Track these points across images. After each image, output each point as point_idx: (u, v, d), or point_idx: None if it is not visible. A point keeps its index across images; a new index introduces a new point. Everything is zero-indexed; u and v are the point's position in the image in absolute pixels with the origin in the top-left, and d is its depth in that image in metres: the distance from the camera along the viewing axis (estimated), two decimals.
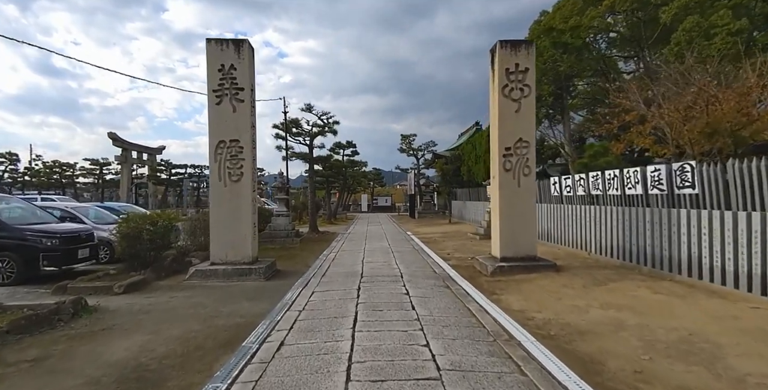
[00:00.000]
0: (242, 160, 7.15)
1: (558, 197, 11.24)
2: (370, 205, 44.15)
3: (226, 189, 7.13)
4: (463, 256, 9.40)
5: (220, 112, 7.13)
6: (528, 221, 7.29)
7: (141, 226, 7.11)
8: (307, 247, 11.90)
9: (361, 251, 10.40)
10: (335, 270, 7.75)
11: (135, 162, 37.60)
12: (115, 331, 4.37)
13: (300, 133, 15.61)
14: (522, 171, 7.26)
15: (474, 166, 19.22)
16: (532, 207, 7.32)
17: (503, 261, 7.16)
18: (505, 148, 7.25)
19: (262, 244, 12.39)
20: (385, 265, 8.05)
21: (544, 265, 7.11)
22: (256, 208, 7.51)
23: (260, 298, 5.71)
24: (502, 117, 7.23)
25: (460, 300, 5.37)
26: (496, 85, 7.28)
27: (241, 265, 7.06)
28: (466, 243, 12.10)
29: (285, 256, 9.85)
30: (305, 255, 10.14)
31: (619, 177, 8.44)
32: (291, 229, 13.28)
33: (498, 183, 7.27)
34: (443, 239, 13.32)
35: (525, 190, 7.26)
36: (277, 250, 11.18)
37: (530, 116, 7.29)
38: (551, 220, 10.75)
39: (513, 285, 6.25)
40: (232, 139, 7.13)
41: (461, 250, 10.45)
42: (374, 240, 13.22)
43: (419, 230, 17.14)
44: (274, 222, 13.25)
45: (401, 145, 30.87)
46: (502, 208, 7.23)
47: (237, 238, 7.13)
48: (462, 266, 8.08)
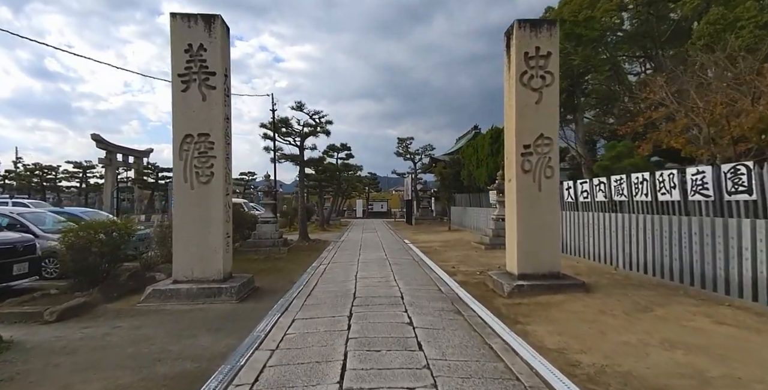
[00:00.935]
0: (213, 159, 6.01)
1: (572, 204, 10.18)
2: (366, 210, 42.97)
3: (193, 192, 5.98)
4: (470, 270, 8.28)
5: (187, 101, 6.01)
6: (551, 232, 6.19)
7: (91, 235, 5.94)
8: (295, 257, 10.73)
9: (354, 263, 9.25)
10: (324, 288, 6.59)
11: (120, 165, 36.25)
12: (11, 386, 3.19)
13: (290, 133, 14.49)
14: (543, 172, 6.18)
15: (475, 170, 18.19)
16: (555, 215, 6.23)
17: (522, 279, 6.05)
18: (524, 146, 6.17)
19: (245, 254, 11.23)
20: (381, 282, 6.91)
21: (570, 285, 6.00)
22: (230, 215, 6.37)
23: (226, 328, 4.54)
24: (521, 110, 6.16)
25: (478, 333, 4.24)
26: (513, 73, 6.22)
27: (210, 283, 5.89)
28: (470, 254, 10.98)
29: (268, 270, 8.67)
30: (292, 267, 8.97)
31: (649, 181, 7.39)
32: (278, 238, 12.10)
33: (515, 186, 6.18)
34: (445, 249, 12.20)
35: (547, 195, 6.18)
36: (260, 261, 10.00)
37: (553, 108, 6.23)
38: (567, 230, 9.67)
39: (539, 310, 5.13)
40: (200, 133, 6.00)
41: (467, 263, 9.33)
42: (369, 249, 12.07)
43: (417, 238, 16.01)
44: (260, 229, 12.07)
45: (398, 149, 29.86)
46: (520, 215, 6.13)
47: (205, 251, 5.96)
48: (471, 283, 6.96)
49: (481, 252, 11.22)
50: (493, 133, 16.12)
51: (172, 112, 6.01)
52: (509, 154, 6.46)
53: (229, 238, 6.36)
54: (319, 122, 15.14)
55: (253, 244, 11.77)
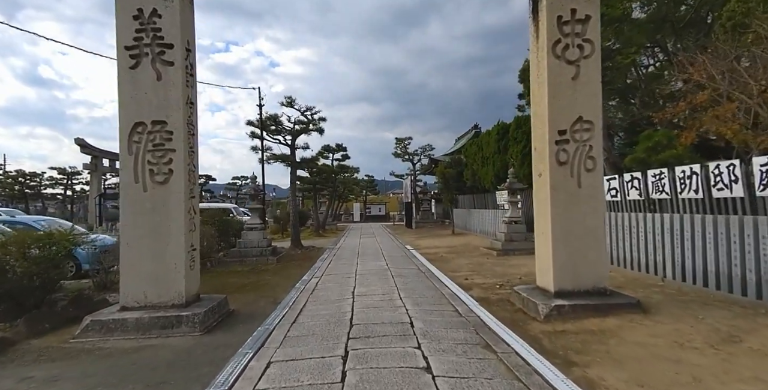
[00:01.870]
0: (171, 152, 4.79)
1: None
2: (363, 214, 41.73)
3: (147, 195, 4.75)
4: (488, 282, 7.06)
5: (138, 81, 4.79)
6: (594, 238, 4.98)
7: (13, 251, 4.68)
8: (284, 268, 9.48)
9: (351, 275, 8.01)
10: (314, 310, 5.35)
11: (107, 170, 34.87)
12: None
13: (279, 132, 13.29)
14: (583, 164, 4.99)
15: (480, 169, 17.01)
16: (599, 216, 5.02)
17: (560, 297, 4.84)
18: (558, 132, 4.98)
19: (228, 265, 9.97)
20: (385, 301, 5.67)
21: (623, 304, 4.77)
22: (195, 222, 5.13)
23: (173, 381, 3.30)
24: (554, 88, 4.98)
25: (524, 384, 3.02)
26: (543, 43, 5.04)
27: (168, 309, 4.65)
28: (482, 261, 9.76)
29: (250, 285, 7.42)
30: (278, 282, 7.72)
31: (700, 174, 6.20)
32: (266, 246, 10.85)
33: (548, 183, 4.98)
34: (452, 256, 10.98)
35: (588, 193, 4.98)
36: (244, 274, 8.74)
37: (593, 85, 5.04)
38: None
39: (593, 342, 3.92)
40: (155, 121, 4.78)
41: (481, 273, 8.11)
42: (368, 258, 10.83)
43: (420, 244, 14.79)
44: (246, 237, 10.81)
45: (396, 149, 28.65)
46: (555, 218, 4.93)
47: (162, 270, 4.72)
48: (493, 300, 5.75)
49: (493, 259, 10.01)
50: (500, 129, 14.97)
51: (119, 95, 4.78)
52: (538, 144, 5.27)
53: (195, 250, 5.12)
54: (311, 119, 13.94)
55: (237, 254, 10.52)
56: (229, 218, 12.35)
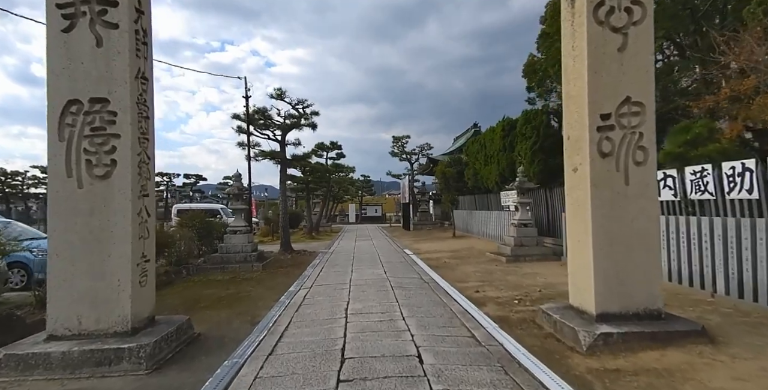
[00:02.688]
0: (114, 138, 3.78)
1: None
2: (359, 215, 40.71)
3: (83, 192, 3.73)
4: (503, 296, 6.09)
5: (71, 47, 3.77)
6: (646, 247, 4.02)
7: None
8: (269, 277, 8.45)
9: (345, 286, 7.01)
10: (297, 336, 4.35)
11: None
12: None
13: (268, 126, 12.27)
14: (632, 156, 4.03)
15: (483, 169, 16.05)
16: (652, 220, 4.06)
17: (605, 321, 3.87)
18: (601, 117, 4.02)
19: (207, 272, 8.93)
20: (384, 322, 4.68)
21: (685, 332, 3.80)
22: (149, 228, 4.11)
23: None
24: (595, 61, 4.01)
25: None
26: (582, 6, 4.08)
27: (107, 339, 3.63)
28: (491, 269, 8.79)
29: (227, 299, 6.40)
30: (260, 294, 6.71)
31: (756, 171, 5.26)
32: (251, 251, 9.83)
33: (588, 178, 4.01)
34: (456, 262, 10.00)
35: (639, 191, 4.02)
36: (223, 284, 7.71)
37: (644, 58, 4.08)
38: None
39: (661, 386, 2.95)
40: (94, 98, 3.76)
41: (493, 283, 7.14)
42: (364, 264, 9.83)
43: (420, 247, 13.80)
44: (228, 241, 9.78)
45: (393, 148, 27.66)
46: (597, 223, 3.96)
47: (101, 287, 3.71)
48: (514, 321, 4.77)
49: (503, 266, 9.04)
50: (506, 125, 14.02)
51: (47, 65, 3.76)
52: (574, 131, 4.31)
53: (148, 262, 4.10)
54: (303, 113, 12.93)
55: (219, 260, 9.49)
56: (212, 220, 11.32)
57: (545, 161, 11.10)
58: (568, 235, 4.52)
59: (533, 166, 11.20)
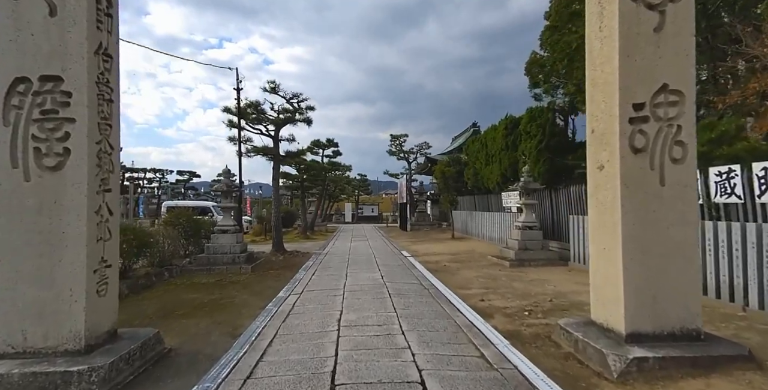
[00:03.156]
0: (69, 123, 3.22)
1: None
2: (355, 214, 40.15)
3: (30, 186, 3.18)
4: (511, 306, 5.58)
5: (20, 15, 3.22)
6: (684, 257, 3.51)
7: None
8: (258, 280, 7.90)
9: (338, 292, 6.48)
10: (281, 354, 3.81)
11: None
12: None
13: (261, 120, 11.71)
14: (668, 153, 3.52)
15: (483, 168, 15.56)
16: (691, 227, 3.54)
17: (635, 341, 3.36)
18: (634, 107, 3.50)
19: (193, 274, 8.36)
20: (381, 338, 4.15)
21: (730, 357, 3.29)
22: (110, 228, 3.55)
23: None
24: (628, 42, 3.50)
25: None
26: None
27: (56, 358, 3.08)
28: (494, 274, 8.28)
29: (209, 305, 5.85)
30: (245, 300, 6.16)
31: None
32: (240, 252, 9.27)
33: (618, 177, 3.50)
34: (457, 265, 9.49)
35: (676, 193, 3.51)
36: (207, 287, 7.16)
37: (684, 40, 3.57)
38: None
39: None
40: (45, 76, 3.21)
41: (497, 290, 6.62)
42: (360, 267, 9.30)
43: (418, 249, 13.28)
44: (216, 241, 9.22)
45: (391, 147, 27.15)
46: (628, 228, 3.45)
47: (50, 297, 3.16)
48: (526, 337, 4.26)
49: (507, 272, 8.53)
50: (509, 124, 13.52)
51: None
52: (599, 124, 3.79)
53: (109, 268, 3.54)
54: (298, 108, 12.37)
55: (205, 261, 8.93)
56: (201, 218, 10.75)
57: (551, 161, 10.61)
58: (591, 242, 4.00)
59: (538, 166, 10.71)
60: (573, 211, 9.71)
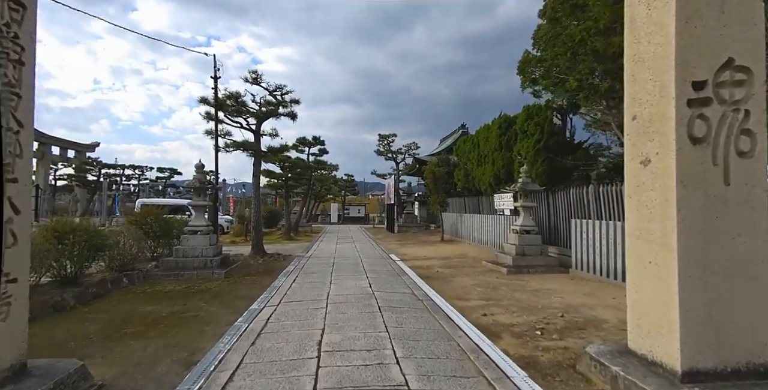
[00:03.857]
0: None
1: None
2: (341, 215, 39.24)
3: None
4: (517, 322, 4.86)
5: None
6: (753, 276, 2.82)
7: None
8: (230, 288, 7.04)
9: (321, 304, 5.68)
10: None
11: (58, 160, 31.31)
12: None
13: (241, 112, 10.80)
14: (734, 144, 2.83)
15: (475, 169, 14.91)
16: (761, 238, 2.86)
17: (694, 380, 2.66)
18: (693, 85, 2.81)
19: (158, 281, 7.43)
20: (371, 368, 3.36)
21: None
22: (17, 228, 2.69)
23: None
24: (686, 4, 2.80)
25: None
26: None
27: None
28: (491, 282, 7.57)
29: (167, 320, 4.98)
30: (212, 314, 5.31)
31: None
32: (213, 255, 8.38)
33: (672, 173, 2.80)
34: (450, 271, 8.76)
35: (743, 195, 2.82)
36: (171, 296, 6.28)
37: (753, 5, 2.89)
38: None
39: None
40: None
41: (499, 302, 5.91)
42: (346, 273, 8.49)
43: (407, 253, 12.53)
44: (185, 243, 8.30)
45: (378, 147, 26.43)
46: (684, 239, 2.75)
47: None
48: (545, 366, 3.53)
49: (505, 279, 7.83)
50: (503, 123, 12.89)
51: None
52: (643, 108, 3.08)
53: (13, 283, 2.68)
54: (281, 100, 11.50)
55: (173, 265, 8.01)
56: (172, 217, 9.79)
57: (550, 161, 9.99)
58: (630, 254, 3.29)
59: (536, 167, 10.08)
60: (573, 214, 9.09)
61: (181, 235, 8.42)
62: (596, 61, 8.21)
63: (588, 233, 7.72)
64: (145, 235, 8.73)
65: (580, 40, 8.65)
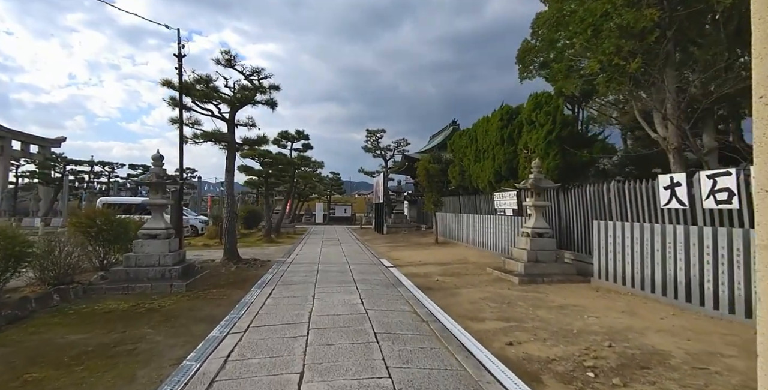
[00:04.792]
0: None
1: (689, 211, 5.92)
2: (326, 215, 37.86)
3: None
4: (555, 356, 3.72)
5: None
6: None
7: None
8: (188, 307, 5.73)
9: (301, 330, 4.45)
10: None
11: (19, 155, 29.15)
12: None
13: (211, 97, 9.44)
14: None
15: (472, 166, 13.82)
16: None
17: None
18: None
19: (102, 296, 5.97)
20: None
21: None
22: None
23: None
24: None
25: None
26: None
27: None
28: (505, 295, 6.45)
29: (90, 360, 3.68)
30: (152, 349, 4.02)
31: None
32: (174, 263, 7.04)
33: None
34: (453, 281, 7.62)
35: None
36: (111, 319, 4.95)
37: None
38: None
39: None
40: None
41: (523, 325, 4.77)
42: (332, 284, 7.27)
43: (400, 257, 11.35)
44: (139, 250, 6.95)
45: (366, 143, 25.20)
46: None
47: None
48: None
49: (519, 290, 6.72)
50: (504, 113, 11.82)
51: None
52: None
53: None
54: (259, 86, 10.19)
55: (123, 277, 6.66)
56: (128, 218, 8.39)
57: (563, 155, 8.93)
58: (763, 273, 2.16)
59: (547, 161, 9.02)
60: (590, 215, 8.05)
61: (134, 241, 7.05)
62: (623, 38, 7.15)
63: (615, 237, 6.67)
64: (92, 240, 7.34)
65: (603, 14, 7.58)
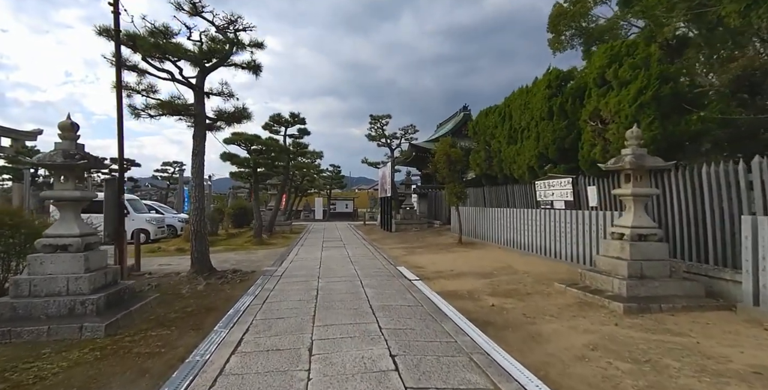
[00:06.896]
0: None
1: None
2: (327, 211, 35.32)
3: None
4: None
5: None
6: None
7: None
8: (93, 375, 3.22)
9: None
10: None
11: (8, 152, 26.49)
12: None
13: (167, 51, 6.85)
14: None
15: (505, 149, 11.26)
16: None
17: None
18: None
19: None
20: None
21: None
22: None
23: None
24: None
25: None
26: None
27: None
28: (618, 337, 3.92)
29: None
30: None
31: None
32: (92, 290, 4.49)
33: None
34: (515, 306, 5.10)
35: None
36: None
37: None
38: None
39: None
40: None
41: None
42: (338, 319, 4.76)
43: (423, 264, 8.82)
44: (36, 270, 4.41)
45: (370, 130, 22.57)
46: None
47: None
48: None
49: (637, 329, 4.18)
50: (553, 79, 9.26)
51: None
52: None
53: None
54: (236, 41, 7.59)
55: (6, 315, 4.13)
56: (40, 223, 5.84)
57: (662, 122, 6.34)
58: None
59: (652, 128, 6.40)
60: (712, 206, 5.52)
61: (30, 256, 4.50)
62: None
63: None
64: None
65: None
